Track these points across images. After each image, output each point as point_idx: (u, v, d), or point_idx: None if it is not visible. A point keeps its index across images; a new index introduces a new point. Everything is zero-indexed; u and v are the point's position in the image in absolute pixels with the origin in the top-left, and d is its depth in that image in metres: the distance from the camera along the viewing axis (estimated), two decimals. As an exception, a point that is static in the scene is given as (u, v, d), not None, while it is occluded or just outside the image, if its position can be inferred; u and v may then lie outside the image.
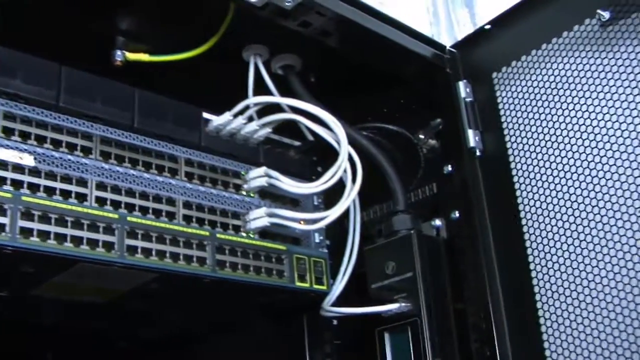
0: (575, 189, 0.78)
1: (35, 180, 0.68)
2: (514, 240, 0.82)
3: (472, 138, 0.85)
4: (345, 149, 0.79)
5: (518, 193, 0.83)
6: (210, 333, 1.11)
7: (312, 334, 0.94)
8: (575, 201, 0.78)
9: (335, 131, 0.80)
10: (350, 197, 0.80)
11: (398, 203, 0.85)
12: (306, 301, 0.88)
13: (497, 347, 0.76)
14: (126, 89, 0.78)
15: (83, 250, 0.68)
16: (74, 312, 0.90)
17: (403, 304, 0.78)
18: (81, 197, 0.70)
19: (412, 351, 0.77)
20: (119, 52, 0.78)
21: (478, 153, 0.84)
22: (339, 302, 0.84)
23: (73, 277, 0.74)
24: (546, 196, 0.81)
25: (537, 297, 0.80)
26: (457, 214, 0.84)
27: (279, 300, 0.88)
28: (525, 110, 0.83)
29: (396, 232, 0.82)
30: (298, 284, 0.83)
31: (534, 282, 0.80)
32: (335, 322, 0.92)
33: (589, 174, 0.77)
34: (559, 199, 0.79)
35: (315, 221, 0.81)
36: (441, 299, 0.80)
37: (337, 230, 0.91)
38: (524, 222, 0.82)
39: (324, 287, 0.86)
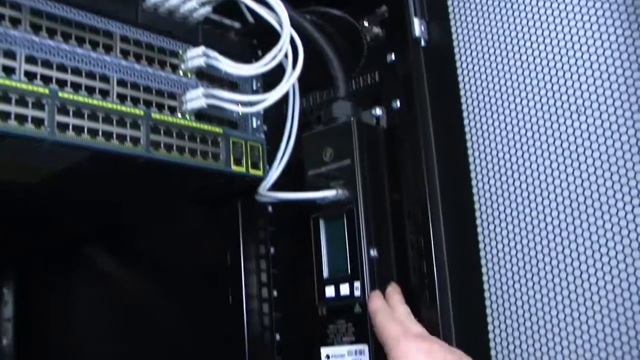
0: (519, 84, 0.78)
1: (-42, 51, 0.64)
2: (455, 132, 0.82)
3: (418, 27, 0.83)
4: (287, 31, 0.76)
5: (461, 85, 0.82)
6: (143, 221, 1.10)
7: (246, 221, 0.93)
8: (519, 96, 0.78)
9: (277, 12, 0.77)
10: (290, 81, 0.78)
11: (338, 90, 0.83)
12: (241, 186, 0.87)
13: (432, 237, 0.76)
14: (60, -42, 0.74)
15: (11, 125, 0.65)
16: (5, 193, 0.88)
17: (340, 191, 0.77)
18: (9, 71, 0.67)
19: (347, 238, 0.77)
20: None
21: (423, 43, 0.83)
22: (275, 189, 0.84)
23: (2, 155, 0.72)
24: (489, 89, 0.80)
25: (475, 190, 0.80)
26: (398, 104, 0.82)
27: (213, 184, 0.87)
28: (474, 2, 0.82)
29: (335, 119, 0.81)
30: (234, 168, 0.82)
31: (472, 174, 0.80)
32: (270, 208, 0.92)
33: (535, 70, 0.77)
34: (502, 93, 0.79)
35: (253, 104, 0.79)
36: (378, 188, 0.79)
37: (275, 117, 0.89)
38: (465, 114, 0.81)
39: (260, 173, 0.85)
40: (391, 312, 0.71)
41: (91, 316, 1.21)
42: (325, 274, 0.78)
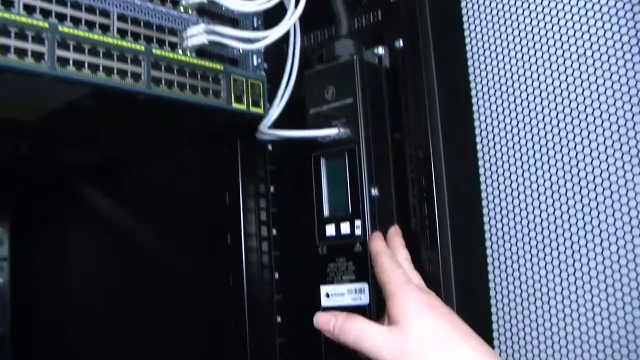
0: (526, 25, 0.77)
1: (-47, -17, 0.63)
2: (458, 72, 0.81)
3: (422, -36, 0.82)
4: (290, -33, 0.75)
5: (466, 25, 0.81)
6: (142, 160, 1.09)
7: (246, 159, 0.93)
8: (525, 37, 0.77)
9: (280, -53, 0.76)
10: (292, 19, 0.77)
11: (341, 27, 0.82)
12: (242, 123, 0.86)
13: (433, 178, 0.76)
14: None
15: (10, 60, 0.64)
16: (3, 131, 0.87)
17: (342, 130, 0.77)
18: (8, 4, 0.66)
19: (348, 177, 0.76)
20: None
21: (427, -19, 0.82)
22: (275, 127, 0.83)
23: (1, 91, 0.71)
24: (494, 29, 0.79)
25: (477, 131, 0.80)
26: (401, 43, 0.81)
27: (214, 121, 0.86)
28: (479, -62, 0.81)
29: (337, 57, 0.80)
30: (234, 105, 0.81)
31: (475, 115, 0.79)
32: (270, 147, 0.91)
33: (542, 10, 0.76)
34: (508, 34, 0.78)
35: (254, 41, 0.78)
36: (380, 127, 0.79)
37: (276, 55, 0.88)
38: (469, 54, 0.81)
39: (261, 110, 0.84)
40: (393, 256, 0.71)
41: (88, 255, 1.21)
42: (326, 212, 0.78)
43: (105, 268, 1.17)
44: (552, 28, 0.76)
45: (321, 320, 0.71)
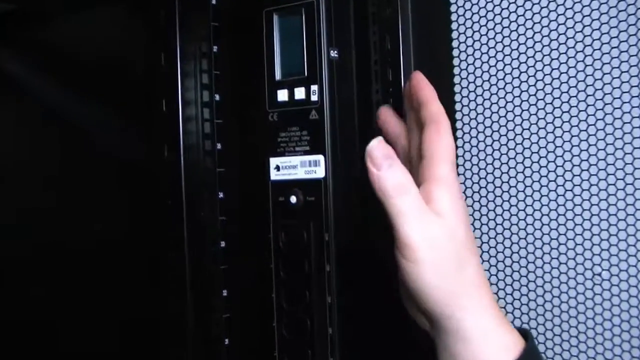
0: None
1: None
2: None
3: None
4: None
5: None
6: (65, 18, 1.01)
7: (185, 14, 0.83)
8: None
9: None
10: None
11: None
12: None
13: (400, 38, 0.69)
14: None
15: None
16: None
17: (299, -18, 0.69)
18: None
19: (304, 37, 0.68)
20: None
21: None
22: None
23: None
24: None
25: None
26: None
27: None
28: None
29: None
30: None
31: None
32: (214, 0, 0.82)
33: None
34: None
35: None
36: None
37: None
38: None
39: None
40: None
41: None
42: (278, 76, 0.71)
43: (28, 139, 1.10)
44: None
45: (376, 152, 0.59)
